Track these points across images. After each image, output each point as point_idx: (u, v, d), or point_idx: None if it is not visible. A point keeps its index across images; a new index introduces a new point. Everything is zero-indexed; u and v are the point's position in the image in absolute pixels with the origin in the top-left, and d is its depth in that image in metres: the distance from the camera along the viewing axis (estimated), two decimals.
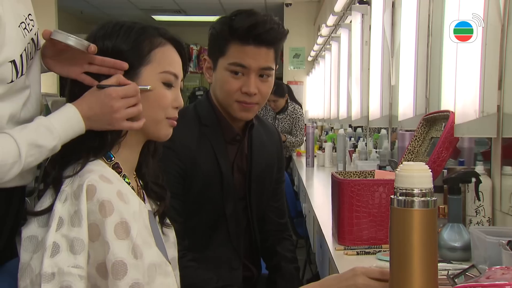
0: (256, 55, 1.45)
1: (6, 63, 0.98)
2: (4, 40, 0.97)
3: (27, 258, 0.97)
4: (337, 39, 5.20)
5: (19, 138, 0.97)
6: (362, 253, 1.48)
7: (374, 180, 1.58)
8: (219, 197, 1.51)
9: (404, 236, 0.84)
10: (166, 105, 1.10)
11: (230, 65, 1.46)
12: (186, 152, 1.47)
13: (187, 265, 1.38)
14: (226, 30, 1.45)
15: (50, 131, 0.99)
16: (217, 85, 1.51)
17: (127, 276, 0.95)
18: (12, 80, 1.00)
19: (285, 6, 8.16)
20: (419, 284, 0.83)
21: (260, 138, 1.64)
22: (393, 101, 2.98)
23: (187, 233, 1.46)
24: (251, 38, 1.43)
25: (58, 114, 1.02)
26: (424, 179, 0.84)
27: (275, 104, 5.09)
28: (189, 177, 1.47)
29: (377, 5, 3.32)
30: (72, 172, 1.01)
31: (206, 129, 1.52)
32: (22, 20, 1.04)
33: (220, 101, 1.52)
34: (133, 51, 1.07)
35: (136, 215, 1.02)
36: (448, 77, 1.87)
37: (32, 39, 1.07)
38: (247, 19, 1.44)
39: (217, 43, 1.48)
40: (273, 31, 1.45)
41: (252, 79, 1.47)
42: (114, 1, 8.38)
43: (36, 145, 0.98)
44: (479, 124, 1.57)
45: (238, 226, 1.56)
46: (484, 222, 1.51)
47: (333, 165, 3.91)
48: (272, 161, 1.67)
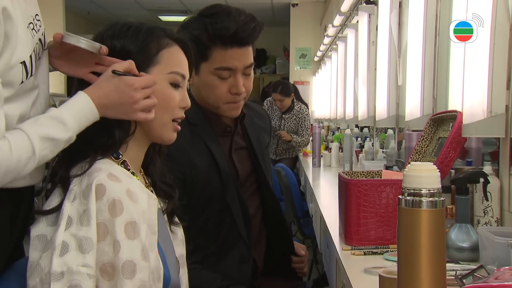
0: (241, 55, 1.46)
1: (18, 64, 0.99)
2: (17, 41, 0.98)
3: (36, 257, 0.98)
4: (344, 39, 5.19)
5: (32, 133, 0.97)
6: (369, 253, 1.47)
7: (381, 180, 1.57)
8: (220, 189, 1.52)
9: (412, 236, 0.84)
10: (173, 106, 1.10)
11: (217, 70, 1.46)
12: (182, 155, 1.47)
13: (191, 267, 1.38)
14: (205, 36, 1.43)
15: (62, 123, 0.99)
16: (203, 89, 1.52)
17: (135, 277, 0.96)
18: (23, 81, 1.00)
19: (291, 6, 8.14)
20: (427, 284, 0.83)
21: (252, 123, 1.67)
22: (400, 101, 2.97)
23: (194, 234, 1.47)
24: (236, 42, 1.44)
25: (70, 104, 1.01)
26: (432, 179, 0.84)
27: (281, 103, 5.09)
28: (189, 178, 1.48)
29: (384, 5, 3.31)
30: (80, 171, 1.02)
31: (195, 127, 1.53)
32: (30, 21, 1.04)
33: (209, 103, 1.53)
34: (141, 51, 1.08)
35: (145, 215, 1.02)
36: (455, 77, 1.86)
37: (39, 39, 1.07)
38: (227, 23, 1.42)
39: (197, 48, 1.41)
40: (254, 31, 1.46)
41: (239, 79, 1.48)
42: (121, 2, 8.40)
43: (49, 138, 0.98)
44: (487, 124, 1.56)
45: (245, 215, 1.56)
46: (492, 223, 1.50)
47: (339, 165, 3.90)
48: (267, 141, 1.73)
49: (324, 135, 5.67)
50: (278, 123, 5.13)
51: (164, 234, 1.14)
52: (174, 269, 1.13)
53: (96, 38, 1.10)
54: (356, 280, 1.28)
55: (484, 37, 1.58)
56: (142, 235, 0.99)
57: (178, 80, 1.11)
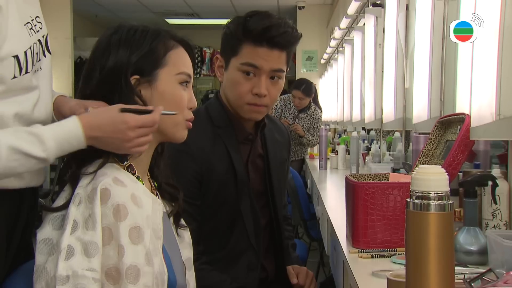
0: (269, 56, 1.47)
1: (9, 57, 0.98)
2: (6, 33, 0.97)
3: (42, 260, 0.98)
4: (350, 41, 5.18)
5: (4, 142, 0.94)
6: (377, 256, 1.47)
7: (389, 183, 1.57)
8: (234, 195, 1.52)
9: (420, 239, 0.83)
10: (183, 107, 1.11)
11: (242, 65, 1.47)
12: (201, 155, 1.48)
13: (200, 267, 1.39)
14: (240, 30, 1.47)
15: (40, 142, 0.96)
16: (228, 85, 1.53)
17: (139, 282, 0.95)
18: (15, 76, 1.00)
19: (298, 8, 8.14)
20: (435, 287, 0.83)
21: (272, 136, 1.67)
22: (407, 103, 2.96)
23: (204, 235, 1.47)
24: (265, 40, 1.45)
25: (58, 125, 1.00)
26: (441, 182, 0.84)
27: (300, 102, 5.09)
28: (205, 180, 1.48)
29: (391, 8, 3.31)
30: (92, 169, 1.02)
31: (219, 130, 1.54)
32: (28, 21, 1.05)
33: (231, 102, 1.54)
34: (150, 54, 1.08)
35: (149, 219, 1.02)
36: (463, 80, 1.85)
37: (39, 40, 1.08)
38: (261, 21, 1.45)
39: (230, 43, 1.50)
40: (286, 35, 1.47)
41: (263, 80, 1.48)
42: (129, 5, 8.42)
43: (20, 151, 0.95)
44: (496, 127, 1.55)
45: (257, 224, 1.56)
46: (501, 226, 1.49)
47: (346, 168, 3.89)
48: (285, 157, 1.71)
49: (331, 137, 5.66)
50: (292, 121, 5.14)
51: (170, 237, 1.14)
52: (180, 273, 1.13)
53: (101, 43, 1.10)
54: (364, 283, 1.28)
55: (492, 39, 1.57)
56: (146, 240, 0.99)
57: (186, 80, 1.12)
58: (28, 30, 1.04)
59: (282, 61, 1.50)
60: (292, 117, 5.14)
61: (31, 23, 1.06)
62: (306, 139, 5.09)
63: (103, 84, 1.07)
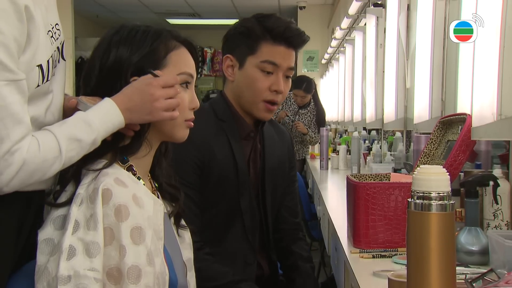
0: (286, 55, 1.54)
1: (35, 67, 1.00)
2: (38, 44, 0.99)
3: (44, 260, 0.98)
4: (351, 42, 5.19)
5: (58, 133, 0.97)
6: (378, 256, 1.47)
7: (390, 183, 1.57)
8: (234, 190, 1.54)
9: (422, 239, 0.83)
10: (183, 108, 1.11)
11: (262, 62, 1.52)
12: (204, 144, 1.51)
13: (203, 258, 1.43)
14: (259, 29, 1.52)
15: (88, 125, 0.99)
16: (245, 83, 1.55)
17: (141, 282, 0.96)
18: (38, 85, 1.01)
19: (298, 9, 8.14)
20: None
21: (271, 136, 1.69)
22: (408, 103, 2.96)
23: (204, 224, 1.48)
24: (284, 40, 1.52)
25: (96, 108, 1.02)
26: (442, 182, 0.84)
27: (302, 99, 5.11)
28: (206, 168, 1.51)
29: (392, 8, 3.31)
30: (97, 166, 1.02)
31: (223, 123, 1.57)
32: (49, 29, 1.06)
33: (245, 100, 1.56)
34: (150, 55, 1.08)
35: (151, 220, 1.03)
36: (464, 80, 1.85)
37: (57, 48, 1.09)
38: (281, 21, 1.53)
39: (247, 42, 1.53)
40: (301, 36, 1.56)
41: (280, 77, 1.54)
42: (130, 6, 8.42)
43: (76, 139, 0.98)
44: (497, 127, 1.55)
45: (253, 220, 1.59)
46: (502, 226, 1.49)
47: (347, 168, 3.89)
48: (283, 159, 1.72)
49: (332, 137, 5.66)
50: (293, 118, 5.14)
51: (171, 238, 1.14)
52: (181, 273, 1.13)
53: (103, 42, 1.11)
54: (365, 283, 1.28)
55: (493, 39, 1.57)
56: (148, 240, 0.99)
57: (187, 80, 1.12)
58: (49, 39, 1.05)
59: (294, 60, 1.58)
60: (292, 114, 5.15)
61: (52, 31, 1.06)
62: (309, 136, 5.10)
63: (103, 84, 1.08)
